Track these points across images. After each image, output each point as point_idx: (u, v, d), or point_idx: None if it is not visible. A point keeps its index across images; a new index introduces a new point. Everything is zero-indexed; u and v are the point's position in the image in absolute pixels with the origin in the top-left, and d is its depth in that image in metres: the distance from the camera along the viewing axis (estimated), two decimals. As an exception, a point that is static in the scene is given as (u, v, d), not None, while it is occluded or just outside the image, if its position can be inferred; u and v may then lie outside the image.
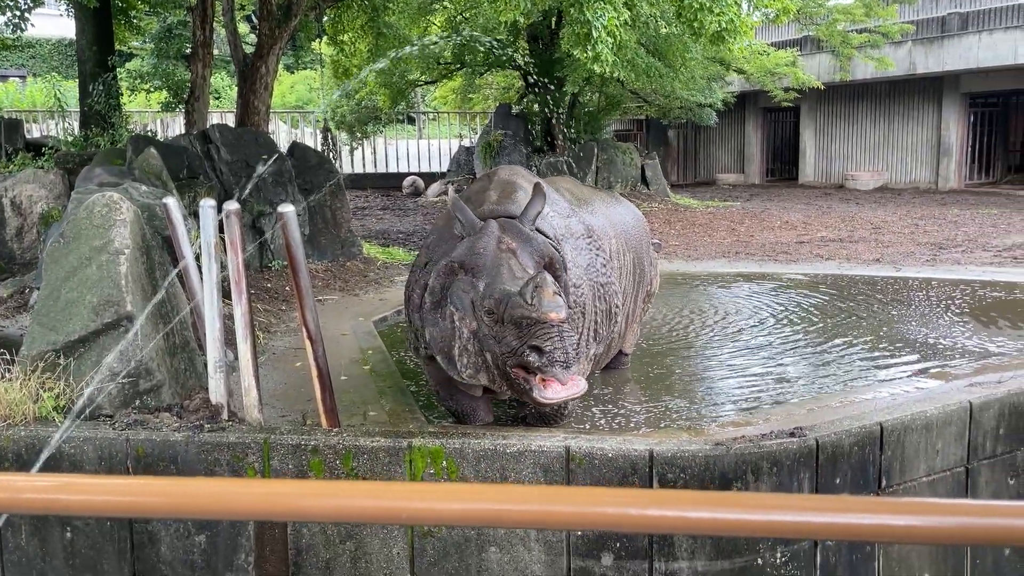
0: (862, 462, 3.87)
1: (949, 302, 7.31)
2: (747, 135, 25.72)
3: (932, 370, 5.21)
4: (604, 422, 4.53)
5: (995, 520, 1.08)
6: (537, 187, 3.96)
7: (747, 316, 6.97)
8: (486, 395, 4.47)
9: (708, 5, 6.50)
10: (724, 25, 6.64)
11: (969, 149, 21.69)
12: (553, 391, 3.53)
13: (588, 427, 4.43)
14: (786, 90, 20.28)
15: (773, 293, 7.94)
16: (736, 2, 6.79)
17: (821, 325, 6.58)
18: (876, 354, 5.72)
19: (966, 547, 4.21)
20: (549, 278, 3.56)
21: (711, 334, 6.43)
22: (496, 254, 3.71)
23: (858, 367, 5.45)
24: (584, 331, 4.23)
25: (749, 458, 3.58)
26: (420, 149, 23.36)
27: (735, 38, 6.92)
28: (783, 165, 26.23)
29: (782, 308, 7.23)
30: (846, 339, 6.12)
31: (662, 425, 4.38)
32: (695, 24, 6.64)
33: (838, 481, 3.80)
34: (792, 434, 3.73)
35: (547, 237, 3.94)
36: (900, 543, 3.90)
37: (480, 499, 1.07)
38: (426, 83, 19.65)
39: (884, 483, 3.97)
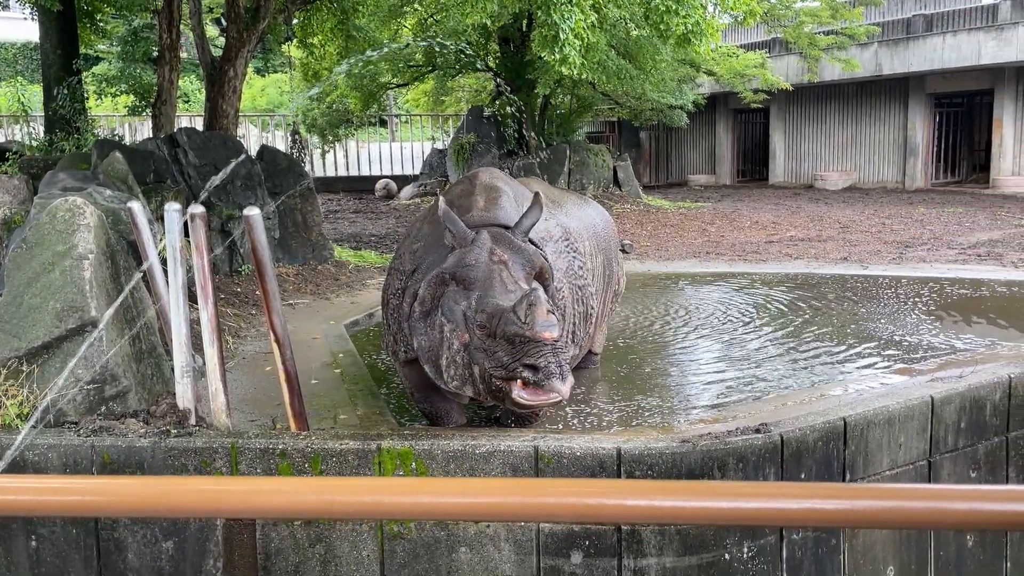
0: (826, 457, 3.93)
1: (916, 299, 7.43)
2: (718, 136, 25.96)
3: (896, 366, 5.30)
4: (576, 422, 4.55)
5: (956, 504, 1.10)
6: (536, 197, 3.98)
7: (717, 315, 7.04)
8: (460, 398, 4.48)
9: (674, 7, 6.56)
10: (690, 27, 6.71)
11: (935, 149, 22.06)
12: (533, 395, 3.53)
13: (560, 427, 4.45)
14: (755, 91, 20.52)
15: (743, 292, 8.02)
16: (702, 4, 6.86)
17: (790, 323, 6.66)
18: (843, 351, 5.80)
19: (929, 538, 4.29)
20: (542, 295, 3.57)
21: (682, 333, 6.49)
22: (488, 266, 3.69)
23: (825, 364, 5.52)
24: (565, 334, 4.25)
25: (715, 454, 3.62)
26: (392, 152, 23.32)
27: (701, 40, 7.00)
28: (754, 166, 26.51)
29: (752, 307, 7.31)
30: (814, 337, 6.20)
31: (633, 424, 4.42)
32: (662, 26, 6.70)
33: (803, 476, 3.85)
34: (758, 430, 3.78)
35: (536, 246, 3.96)
36: (863, 527, 3.96)
37: (449, 493, 1.08)
38: (398, 86, 19.62)
39: (848, 477, 4.03)
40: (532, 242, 3.95)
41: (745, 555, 3.70)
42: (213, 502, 1.19)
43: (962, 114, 22.59)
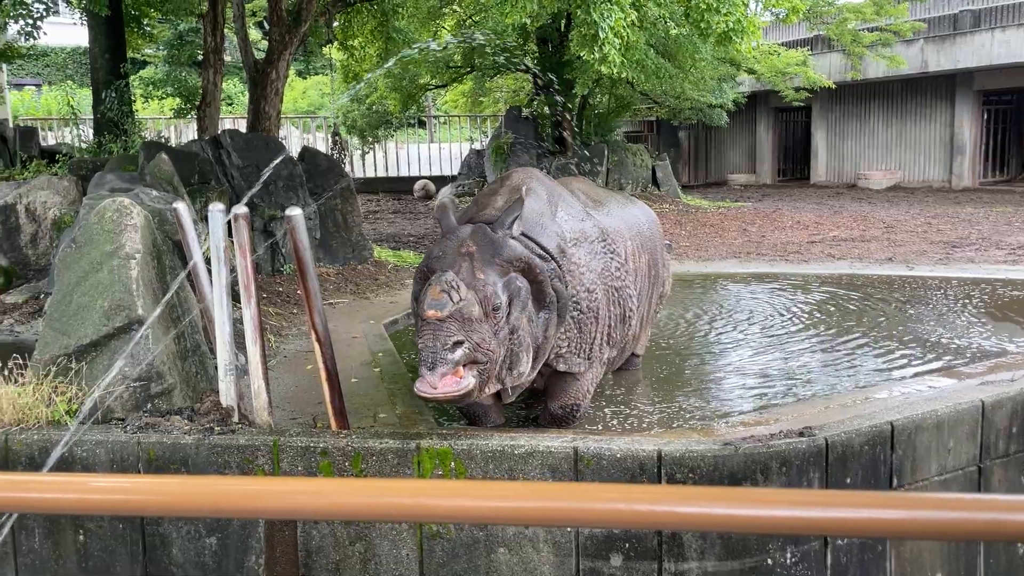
0: (873, 461, 3.85)
1: (964, 301, 7.26)
2: (758, 135, 25.64)
3: (945, 369, 5.18)
4: (616, 423, 4.53)
5: (1009, 516, 1.06)
6: (518, 193, 3.94)
7: (758, 316, 6.95)
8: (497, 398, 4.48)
9: (715, 5, 6.49)
10: (731, 25, 6.63)
11: (983, 147, 21.54)
12: (423, 385, 3.44)
13: (600, 428, 4.43)
14: (797, 90, 20.22)
15: (785, 293, 7.91)
16: (744, 2, 6.77)
17: (833, 325, 6.55)
18: (889, 353, 5.69)
19: (979, 545, 4.18)
20: (448, 277, 3.48)
21: (722, 334, 6.42)
22: (453, 258, 3.69)
23: (870, 366, 5.42)
24: (597, 335, 4.22)
25: (758, 458, 3.57)
26: (431, 153, 23.41)
27: (743, 38, 6.90)
28: (795, 165, 26.14)
29: (794, 308, 7.20)
30: (858, 338, 6.09)
31: (674, 425, 4.38)
32: (702, 25, 6.63)
33: (848, 481, 3.78)
34: (802, 433, 3.71)
35: (538, 244, 3.89)
36: (912, 539, 3.87)
37: (494, 496, 1.07)
38: (436, 87, 19.69)
39: (896, 482, 3.94)
40: (535, 240, 3.89)
41: (788, 560, 3.64)
42: (258, 503, 1.19)
43: (1011, 111, 22.02)
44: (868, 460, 3.84)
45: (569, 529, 3.62)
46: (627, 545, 3.60)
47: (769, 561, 3.61)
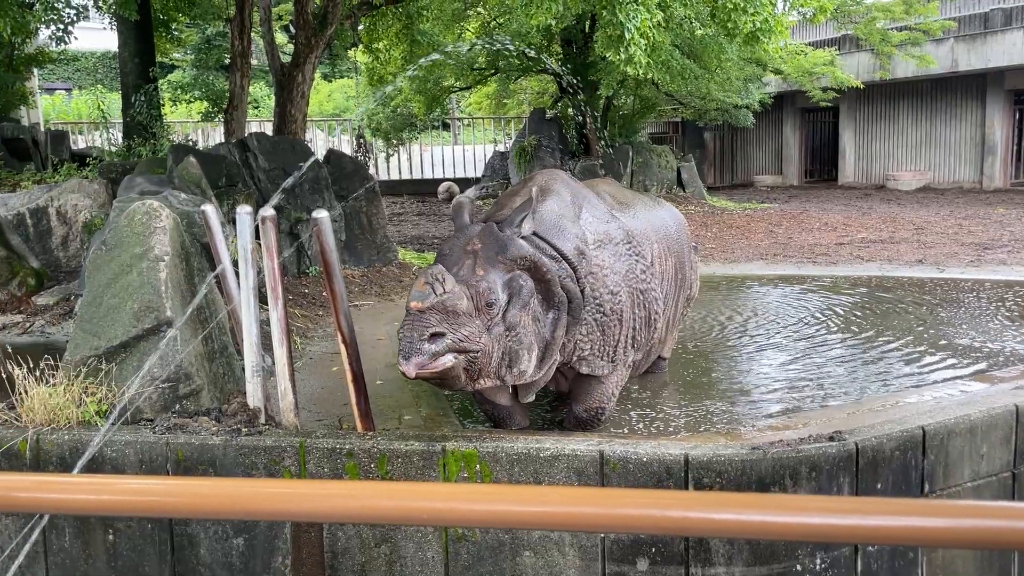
0: (904, 467, 3.79)
1: (997, 304, 7.14)
2: (785, 136, 25.42)
3: (978, 373, 5.09)
4: (642, 426, 4.50)
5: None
6: (529, 194, 3.94)
7: (785, 319, 6.87)
8: (519, 400, 4.47)
9: (742, 5, 6.43)
10: (759, 25, 6.57)
11: (1015, 147, 21.19)
12: (401, 368, 3.48)
13: (625, 431, 4.40)
14: (825, 90, 20.02)
15: (812, 295, 7.82)
16: (771, 2, 6.71)
17: (862, 328, 6.46)
18: (919, 357, 5.60)
19: (1013, 553, 4.10)
20: (435, 270, 3.52)
21: (749, 337, 6.36)
22: (459, 255, 3.76)
23: (901, 370, 5.34)
24: (621, 338, 4.19)
25: (787, 462, 3.53)
26: (455, 155, 23.47)
27: (770, 38, 6.84)
28: (822, 166, 25.88)
29: (822, 311, 7.12)
30: (888, 342, 6.01)
31: (701, 429, 4.34)
32: (729, 25, 6.57)
33: (879, 486, 3.73)
34: (831, 438, 3.67)
35: (551, 244, 3.90)
36: (942, 547, 3.81)
37: (509, 500, 1.06)
38: (460, 89, 19.74)
39: (927, 488, 3.88)
40: (540, 237, 3.88)
41: (818, 567, 3.59)
42: (287, 505, 1.19)
43: (1045, 111, 21.64)
44: (899, 465, 3.78)
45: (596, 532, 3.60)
46: (653, 550, 3.57)
47: (798, 567, 3.56)
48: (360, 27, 13.02)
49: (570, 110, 17.36)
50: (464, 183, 20.81)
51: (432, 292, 3.45)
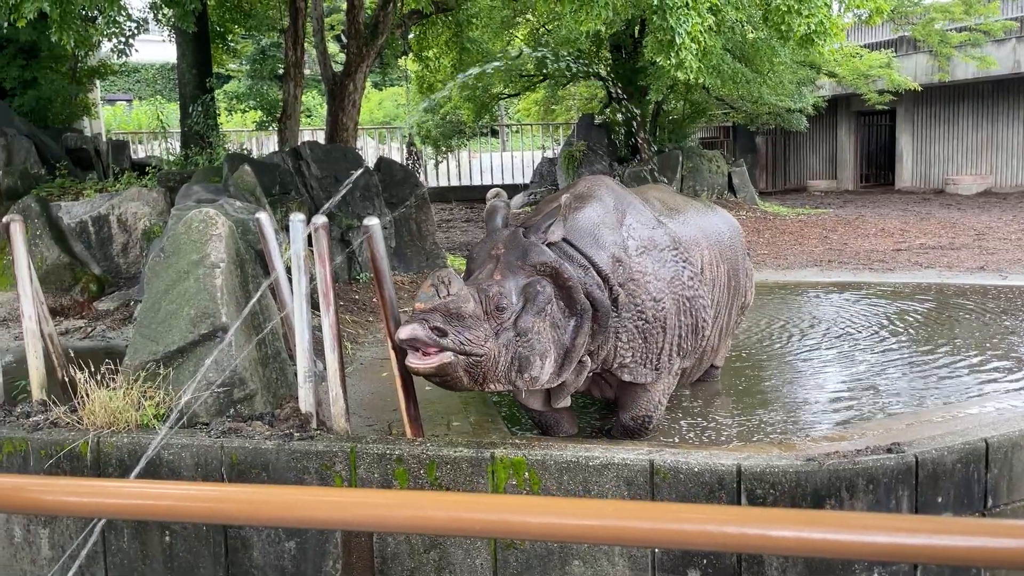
0: (966, 480, 3.67)
1: (1062, 312, 6.89)
2: (839, 140, 24.94)
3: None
4: (692, 436, 4.44)
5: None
6: (557, 204, 3.91)
7: (841, 327, 6.73)
8: (569, 407, 4.45)
9: (796, 7, 6.33)
10: (813, 27, 6.45)
11: (1082, 149, 20.47)
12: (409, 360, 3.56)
13: (676, 441, 4.35)
14: (881, 93, 19.58)
15: (869, 303, 7.65)
16: (826, 3, 6.59)
17: (921, 336, 6.29)
18: (981, 367, 5.43)
19: (1084, 573, 3.94)
20: (442, 273, 3.58)
21: (803, 345, 6.24)
22: (483, 259, 3.88)
23: (961, 381, 5.18)
24: (666, 346, 4.14)
25: (843, 475, 3.44)
26: (503, 161, 23.53)
27: (825, 40, 6.71)
28: (878, 170, 25.31)
29: (879, 318, 6.96)
30: (948, 351, 5.84)
31: (753, 439, 4.27)
32: (783, 27, 6.47)
33: (940, 500, 3.62)
34: (890, 450, 3.57)
35: (580, 251, 3.90)
36: (1006, 568, 3.67)
37: (565, 514, 1.05)
38: (509, 96, 19.80)
39: (990, 503, 3.75)
40: (571, 243, 3.91)
41: (875, 582, 3.50)
42: (338, 513, 1.20)
43: (1114, 112, 20.86)
44: (961, 479, 3.67)
45: (645, 543, 3.55)
46: (705, 562, 3.52)
47: (855, 582, 3.47)
48: (410, 36, 13.16)
49: (619, 116, 17.28)
50: (512, 189, 20.85)
51: (436, 294, 3.52)
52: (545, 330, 3.73)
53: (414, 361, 3.53)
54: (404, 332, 3.47)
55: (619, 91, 15.28)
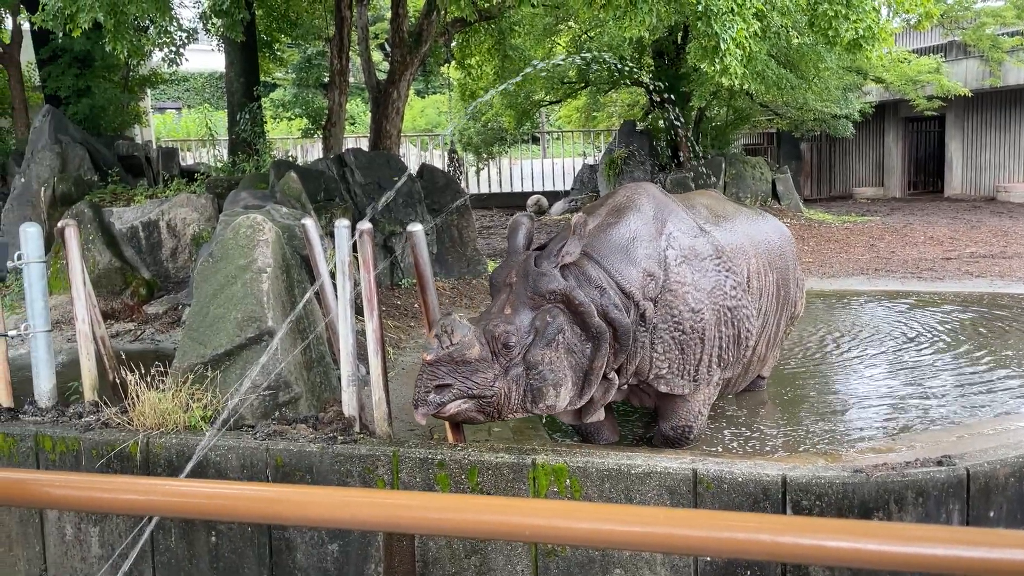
0: (1019, 495, 3.57)
1: (1121, 323, 6.68)
2: (887, 146, 24.49)
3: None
4: (736, 445, 4.39)
5: None
6: (567, 225, 3.84)
7: (889, 336, 6.60)
8: (610, 414, 4.43)
9: (844, 12, 6.24)
10: (861, 32, 6.35)
11: None
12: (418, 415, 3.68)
13: (719, 450, 4.31)
14: (929, 99, 19.20)
15: (917, 312, 7.49)
16: (875, 8, 6.48)
17: (972, 347, 6.15)
18: (1035, 379, 5.28)
19: None
20: (446, 321, 3.66)
21: (850, 354, 6.13)
22: (499, 286, 3.92)
23: (1014, 392, 5.05)
24: (704, 356, 4.08)
25: (892, 487, 3.38)
26: (544, 168, 23.54)
27: (873, 46, 6.60)
28: (927, 177, 24.80)
29: (928, 328, 6.81)
30: (1000, 362, 5.69)
31: (799, 449, 4.20)
32: (830, 32, 6.38)
33: (992, 515, 3.53)
34: (940, 462, 3.49)
35: (606, 269, 3.87)
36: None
37: (613, 520, 1.05)
38: (551, 103, 19.81)
39: (1046, 519, 3.65)
40: (597, 260, 3.89)
41: (925, 598, 3.42)
42: (384, 517, 1.21)
43: None
44: (1014, 493, 3.57)
45: (687, 553, 3.52)
46: (749, 572, 3.47)
47: (903, 597, 3.40)
48: (453, 44, 13.25)
49: (661, 122, 17.18)
50: (553, 196, 20.85)
51: (439, 344, 3.61)
52: (558, 359, 3.73)
53: (423, 419, 3.65)
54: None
55: (662, 97, 15.20)
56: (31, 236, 4.50)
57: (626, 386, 4.11)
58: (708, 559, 3.50)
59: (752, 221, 4.77)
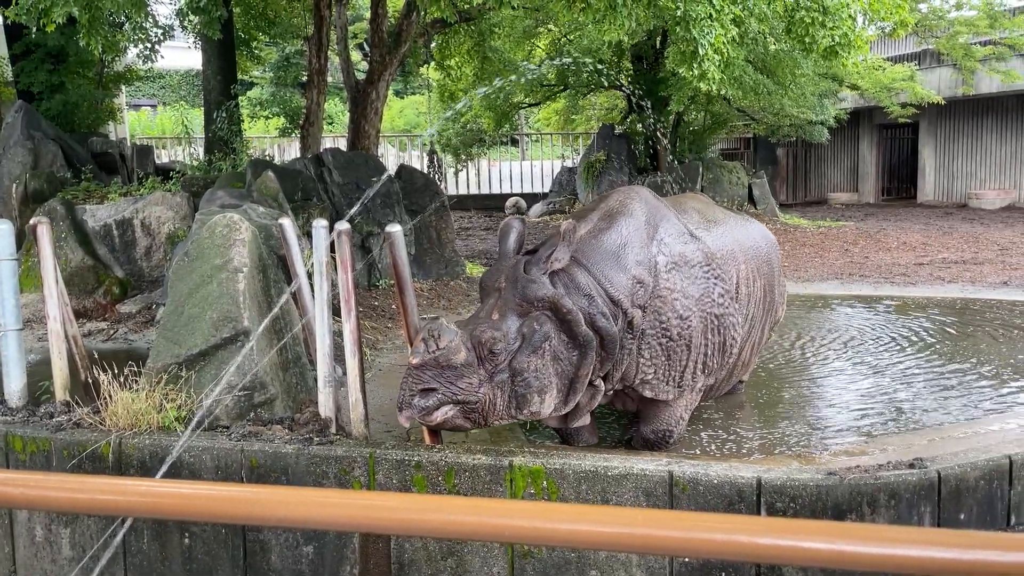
0: (989, 497, 3.63)
1: (1088, 329, 6.80)
2: (861, 152, 24.79)
3: (1069, 401, 4.85)
4: (713, 447, 4.42)
5: None
6: (557, 232, 3.87)
7: (862, 340, 6.68)
8: (591, 417, 4.44)
9: (820, 20, 6.31)
10: (837, 39, 6.43)
11: (1108, 165, 20.23)
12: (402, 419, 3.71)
13: (696, 452, 4.33)
14: (903, 106, 19.46)
15: (890, 317, 7.59)
16: (851, 16, 6.56)
17: (943, 351, 6.23)
18: (1004, 383, 5.37)
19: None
20: (433, 326, 3.68)
21: (824, 359, 6.19)
22: (489, 291, 3.91)
23: (984, 396, 5.13)
24: (689, 363, 4.10)
25: (865, 489, 3.41)
26: (523, 170, 23.57)
27: (849, 53, 6.68)
28: (900, 183, 25.12)
29: (900, 332, 6.90)
30: (972, 367, 5.78)
31: (775, 452, 4.24)
32: (806, 39, 6.45)
33: (962, 517, 3.58)
34: (912, 465, 3.54)
35: (595, 277, 3.88)
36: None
37: (591, 521, 1.05)
38: (530, 105, 19.85)
39: (1013, 520, 3.71)
40: (586, 266, 3.91)
41: (896, 599, 3.46)
42: (362, 517, 1.20)
43: None
44: (984, 495, 3.63)
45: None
46: (723, 574, 3.49)
47: (875, 598, 3.44)
48: (432, 45, 13.24)
49: (639, 126, 17.27)
50: (531, 198, 20.88)
51: (425, 349, 3.62)
52: (544, 366, 3.73)
53: (408, 422, 3.67)
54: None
55: (641, 101, 15.28)
56: (2, 233, 4.43)
57: (611, 391, 4.12)
58: (684, 560, 3.52)
59: (741, 227, 4.77)
